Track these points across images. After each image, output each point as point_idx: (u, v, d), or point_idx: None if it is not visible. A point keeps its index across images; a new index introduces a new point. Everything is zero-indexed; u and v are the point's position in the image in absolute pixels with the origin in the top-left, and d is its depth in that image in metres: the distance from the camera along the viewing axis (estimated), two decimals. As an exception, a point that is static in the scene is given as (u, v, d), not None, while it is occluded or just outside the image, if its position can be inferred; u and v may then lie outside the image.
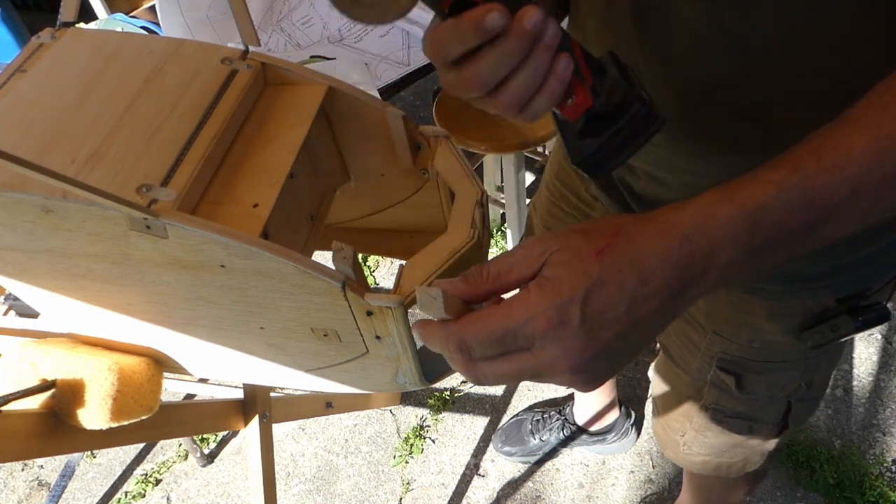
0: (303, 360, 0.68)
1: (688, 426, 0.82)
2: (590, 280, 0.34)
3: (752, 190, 0.35)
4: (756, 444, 0.80)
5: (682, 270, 0.35)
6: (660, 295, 0.35)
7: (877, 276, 0.61)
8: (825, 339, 0.62)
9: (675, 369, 0.79)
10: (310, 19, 1.47)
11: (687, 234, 0.34)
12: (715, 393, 0.75)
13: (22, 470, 1.68)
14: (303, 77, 0.69)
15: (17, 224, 0.57)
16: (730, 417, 0.76)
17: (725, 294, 0.65)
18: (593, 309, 0.34)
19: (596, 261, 0.34)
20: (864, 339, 1.64)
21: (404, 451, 1.59)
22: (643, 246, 0.35)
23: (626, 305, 0.34)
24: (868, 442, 1.49)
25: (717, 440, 0.81)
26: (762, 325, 0.65)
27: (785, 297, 0.62)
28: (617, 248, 0.35)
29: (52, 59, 0.66)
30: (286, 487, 1.57)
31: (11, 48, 2.38)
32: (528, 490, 1.50)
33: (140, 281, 0.60)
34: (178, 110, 0.61)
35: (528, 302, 0.34)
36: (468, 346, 0.36)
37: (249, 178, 0.61)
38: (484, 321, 0.35)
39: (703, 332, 0.70)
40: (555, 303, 0.34)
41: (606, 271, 0.34)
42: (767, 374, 0.70)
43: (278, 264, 0.53)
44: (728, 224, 0.34)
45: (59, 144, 0.57)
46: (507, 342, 0.35)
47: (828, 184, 0.34)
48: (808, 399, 0.75)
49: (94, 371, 0.72)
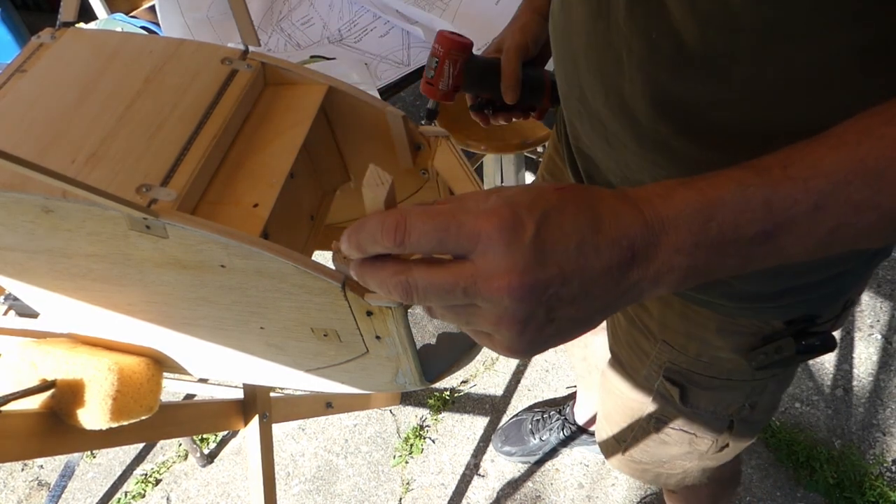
0: (303, 360, 0.68)
1: (630, 434, 0.82)
2: (548, 204, 0.33)
3: (712, 182, 0.34)
4: (696, 459, 0.80)
5: (632, 237, 0.33)
6: (609, 251, 0.33)
7: (826, 302, 0.60)
8: (769, 361, 0.62)
9: (624, 376, 0.79)
10: (310, 19, 1.47)
11: (641, 206, 0.34)
12: (660, 403, 0.75)
13: (22, 470, 1.68)
14: (303, 77, 0.69)
15: (17, 224, 0.57)
16: (672, 429, 0.76)
17: (679, 304, 0.64)
18: (548, 230, 0.32)
19: (555, 193, 0.34)
20: (864, 339, 1.64)
21: (404, 451, 1.59)
22: (600, 199, 0.34)
23: (576, 242, 0.33)
24: (868, 442, 1.49)
25: (658, 451, 0.81)
26: (711, 339, 0.65)
27: (734, 313, 0.61)
28: (577, 190, 0.34)
29: (52, 59, 0.66)
30: (286, 487, 1.57)
31: (11, 48, 2.38)
32: (528, 490, 1.50)
33: (140, 281, 0.60)
34: (178, 110, 0.61)
35: (484, 201, 0.33)
36: (406, 228, 0.33)
37: (249, 178, 0.61)
38: (433, 206, 0.33)
39: (654, 341, 0.70)
40: (512, 208, 0.32)
41: (565, 201, 0.33)
42: (712, 391, 0.70)
43: (278, 264, 0.53)
44: (683, 207, 0.34)
45: (59, 144, 0.57)
46: (450, 235, 0.32)
47: (790, 192, 0.33)
48: (751, 421, 0.75)
49: (94, 371, 0.72)
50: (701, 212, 0.33)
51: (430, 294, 0.34)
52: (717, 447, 0.78)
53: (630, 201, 0.34)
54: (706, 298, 0.61)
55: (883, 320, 1.66)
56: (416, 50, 1.34)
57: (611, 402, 0.85)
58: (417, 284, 0.34)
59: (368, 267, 0.36)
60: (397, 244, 0.33)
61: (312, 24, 1.46)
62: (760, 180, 0.33)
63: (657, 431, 0.78)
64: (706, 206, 0.33)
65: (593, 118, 0.55)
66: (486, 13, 1.36)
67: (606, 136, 0.55)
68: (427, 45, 1.34)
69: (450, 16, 1.32)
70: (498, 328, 0.34)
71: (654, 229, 0.34)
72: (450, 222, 0.32)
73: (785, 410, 1.55)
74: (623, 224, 0.33)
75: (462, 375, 1.72)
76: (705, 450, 0.78)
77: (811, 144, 0.34)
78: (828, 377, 1.59)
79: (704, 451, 0.78)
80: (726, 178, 0.34)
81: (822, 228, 0.34)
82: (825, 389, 1.57)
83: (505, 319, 0.34)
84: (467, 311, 0.35)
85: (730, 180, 0.34)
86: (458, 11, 1.33)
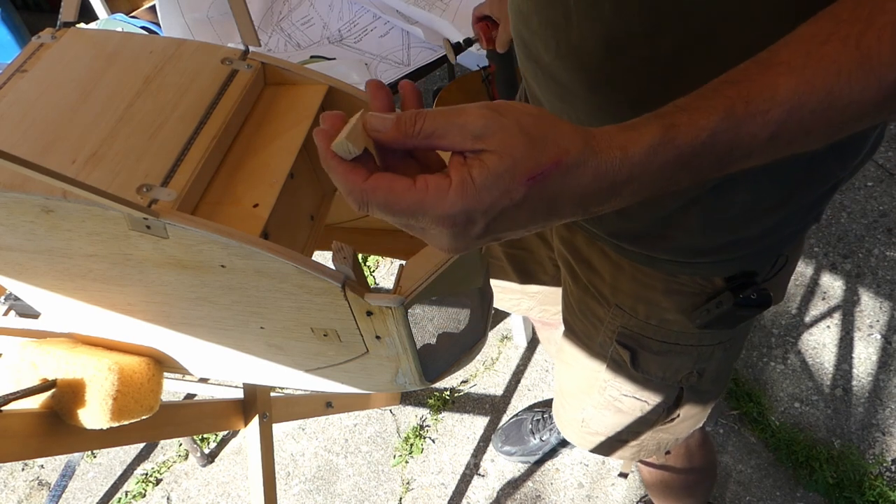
0: (303, 359, 0.68)
1: (587, 403, 0.84)
2: (510, 202, 0.35)
3: (689, 135, 0.35)
4: (649, 429, 0.83)
5: (588, 202, 0.36)
6: (561, 219, 0.37)
7: (761, 258, 0.64)
8: (710, 317, 0.65)
9: (579, 345, 0.82)
10: (310, 19, 1.47)
11: (617, 182, 0.36)
12: (613, 370, 0.78)
13: (22, 470, 1.68)
14: (303, 77, 0.69)
15: (17, 224, 0.57)
16: (625, 397, 0.79)
17: (629, 267, 0.67)
18: (497, 226, 0.36)
19: (524, 186, 0.35)
20: (863, 339, 1.64)
21: (404, 451, 1.59)
22: (573, 185, 0.35)
23: (524, 227, 0.37)
24: (868, 442, 1.49)
25: (613, 420, 0.84)
26: (660, 300, 0.68)
27: (676, 271, 0.65)
28: (549, 181, 0.35)
29: (53, 59, 0.66)
30: (286, 487, 1.57)
31: (11, 48, 2.38)
32: (528, 490, 1.50)
33: (140, 281, 0.61)
34: (179, 110, 0.61)
35: (445, 198, 0.35)
36: (368, 204, 0.36)
37: (249, 178, 0.61)
38: (395, 195, 0.35)
39: (608, 306, 0.73)
40: (468, 211, 0.35)
41: (529, 199, 0.35)
42: (661, 356, 0.73)
43: (278, 264, 0.53)
44: (658, 172, 0.36)
45: (60, 144, 0.57)
46: (407, 221, 0.36)
47: (751, 130, 0.35)
48: (700, 390, 0.78)
49: (94, 371, 0.72)
50: (673, 169, 0.36)
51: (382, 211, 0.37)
52: (667, 416, 0.81)
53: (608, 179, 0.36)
54: (649, 254, 0.64)
55: (883, 320, 1.66)
56: (416, 50, 1.34)
57: (566, 374, 0.87)
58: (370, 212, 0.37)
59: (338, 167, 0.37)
60: (360, 208, 0.37)
61: (312, 24, 1.46)
62: (728, 124, 0.35)
63: (612, 399, 0.80)
64: (679, 163, 0.36)
65: (547, 75, 0.57)
66: (486, 13, 1.36)
67: (561, 93, 0.57)
68: (427, 46, 1.34)
69: (450, 16, 1.32)
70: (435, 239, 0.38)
71: (617, 189, 0.36)
72: (408, 217, 0.35)
73: (785, 410, 1.55)
74: (588, 198, 0.36)
75: (462, 375, 1.72)
76: (656, 419, 0.81)
77: (764, 72, 0.35)
78: (827, 377, 1.59)
79: (656, 419, 0.81)
80: (700, 129, 0.35)
81: (773, 150, 0.36)
82: (825, 389, 1.57)
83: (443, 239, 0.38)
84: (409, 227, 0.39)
85: (703, 131, 0.35)
86: (458, 11, 1.33)
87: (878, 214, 1.88)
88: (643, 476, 1.16)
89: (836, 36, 0.34)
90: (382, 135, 0.36)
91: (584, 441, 0.92)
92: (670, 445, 0.89)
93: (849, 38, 0.34)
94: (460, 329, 0.68)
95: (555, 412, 0.96)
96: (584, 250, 0.72)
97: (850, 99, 0.34)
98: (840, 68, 0.34)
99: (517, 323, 1.69)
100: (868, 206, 1.90)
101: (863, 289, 1.73)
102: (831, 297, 1.73)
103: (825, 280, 1.76)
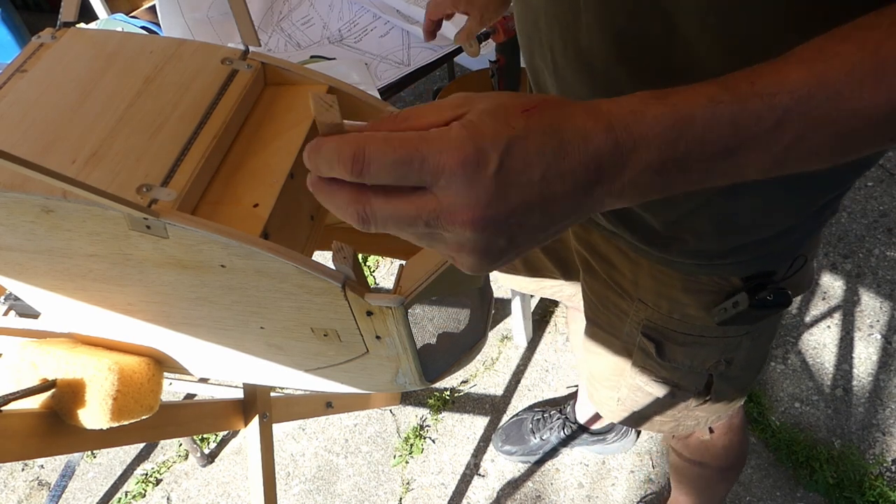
0: (303, 360, 0.68)
1: (622, 384, 0.84)
2: (513, 131, 0.32)
3: (685, 97, 0.34)
4: (683, 409, 0.83)
5: (600, 158, 0.33)
6: (574, 176, 0.33)
7: (779, 259, 0.63)
8: (728, 315, 0.64)
9: (605, 336, 0.82)
10: (310, 19, 1.47)
11: (613, 123, 0.34)
12: (641, 356, 0.78)
13: (22, 470, 1.68)
14: (303, 77, 0.69)
15: (17, 224, 0.57)
16: (655, 381, 0.79)
17: (647, 265, 0.67)
18: (512, 162, 0.32)
19: (522, 117, 0.33)
20: (863, 339, 1.64)
21: (404, 451, 1.59)
22: (569, 119, 0.34)
23: (541, 172, 0.33)
24: (868, 442, 1.49)
25: (647, 400, 0.84)
26: (680, 297, 0.68)
27: (694, 271, 0.64)
28: (545, 111, 0.33)
29: (53, 59, 0.66)
30: (286, 487, 1.57)
31: (11, 48, 2.38)
32: (528, 490, 1.50)
33: (140, 281, 0.61)
34: (179, 110, 0.61)
35: (447, 133, 0.32)
36: (366, 160, 0.31)
37: (249, 178, 0.61)
38: (394, 136, 0.32)
39: (631, 300, 0.73)
40: (475, 142, 0.32)
41: (531, 129, 0.33)
42: (687, 347, 0.73)
43: (279, 264, 0.53)
44: (656, 124, 0.34)
45: (60, 144, 0.57)
46: (412, 170, 0.32)
47: (755, 109, 0.33)
48: (731, 377, 0.78)
49: (94, 371, 0.72)
50: (672, 129, 0.34)
51: (389, 224, 0.34)
52: (699, 400, 0.80)
53: (602, 118, 0.34)
54: (666, 257, 0.64)
55: (883, 320, 1.66)
56: (416, 50, 1.34)
57: (596, 362, 0.87)
58: (376, 214, 0.34)
59: (325, 188, 0.34)
60: (355, 175, 0.32)
61: (312, 24, 1.46)
62: (730, 97, 0.34)
63: (643, 383, 0.80)
64: (677, 123, 0.34)
65: (552, 75, 0.57)
66: (486, 13, 1.36)
67: (563, 92, 0.56)
68: (427, 46, 1.34)
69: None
70: (460, 254, 0.35)
71: (624, 148, 0.34)
72: (412, 155, 0.31)
73: (785, 410, 1.55)
74: (592, 146, 0.33)
75: (462, 375, 1.72)
76: (689, 402, 0.81)
77: (775, 62, 0.35)
78: (828, 377, 1.59)
79: (688, 403, 0.81)
80: (697, 93, 0.34)
81: (780, 144, 0.35)
82: (825, 389, 1.57)
83: (466, 248, 0.34)
84: (428, 236, 0.35)
85: (701, 95, 0.34)
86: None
87: (879, 214, 1.88)
88: (672, 462, 1.15)
89: (854, 38, 0.33)
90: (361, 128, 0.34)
91: (619, 416, 0.92)
92: (712, 422, 0.88)
93: (867, 41, 0.33)
94: (460, 329, 0.68)
95: (588, 395, 0.96)
96: (601, 247, 0.72)
97: (860, 104, 0.33)
98: (853, 68, 0.33)
99: (517, 323, 1.69)
100: (868, 206, 1.90)
101: (863, 289, 1.73)
102: (831, 297, 1.73)
103: (825, 280, 1.76)
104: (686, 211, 0.57)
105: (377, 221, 0.34)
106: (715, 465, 1.06)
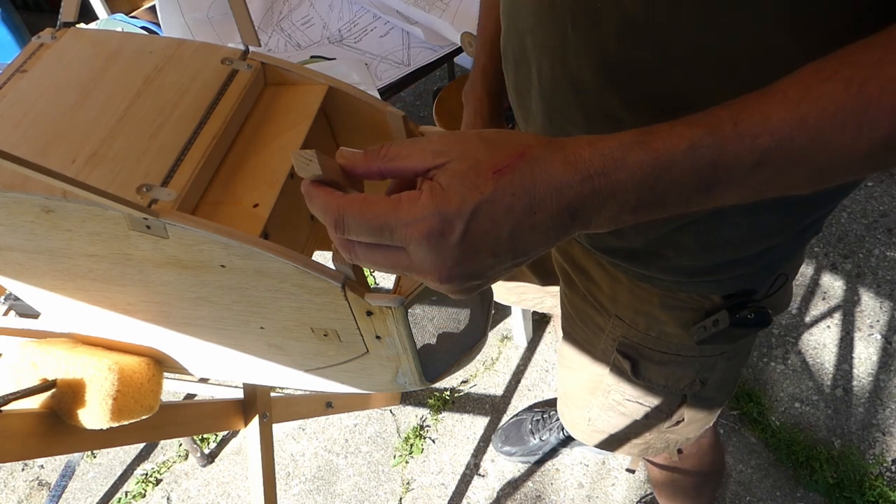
0: (303, 359, 0.68)
1: (593, 404, 0.84)
2: (481, 196, 0.34)
3: (666, 141, 0.34)
4: (655, 431, 0.83)
5: (575, 208, 0.35)
6: (545, 225, 0.35)
7: (760, 277, 0.62)
8: (707, 334, 0.64)
9: (580, 352, 0.81)
10: (310, 19, 1.47)
11: (592, 173, 0.34)
12: (616, 375, 0.77)
13: (22, 470, 1.68)
14: (303, 77, 0.69)
15: (17, 224, 0.57)
16: (628, 401, 0.79)
17: (626, 280, 0.67)
18: (477, 228, 0.34)
19: (492, 179, 0.34)
20: (863, 339, 1.64)
21: (404, 451, 1.59)
22: (543, 174, 0.34)
23: (509, 230, 0.34)
24: (868, 442, 1.49)
25: (619, 421, 0.83)
26: (657, 314, 0.67)
27: (673, 288, 0.64)
28: (516, 171, 0.34)
29: (53, 59, 0.66)
30: (286, 487, 1.57)
31: (11, 48, 2.38)
32: (528, 490, 1.50)
33: (140, 281, 0.61)
34: (179, 110, 0.61)
35: (416, 203, 0.34)
36: (345, 224, 0.36)
37: (249, 178, 0.61)
38: (368, 206, 0.35)
39: (608, 316, 0.72)
40: (441, 212, 0.34)
41: (499, 191, 0.34)
42: (662, 366, 0.72)
43: (279, 264, 0.53)
44: (636, 170, 0.34)
45: (60, 144, 0.57)
46: (384, 235, 0.35)
47: (736, 151, 0.34)
48: (704, 397, 0.77)
49: (94, 371, 0.72)
50: (651, 175, 0.34)
51: (374, 268, 0.38)
52: (672, 422, 0.80)
53: (581, 169, 0.34)
54: (645, 273, 0.63)
55: (883, 320, 1.66)
56: (416, 50, 1.34)
57: (570, 378, 0.87)
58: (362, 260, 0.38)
59: (316, 192, 0.38)
60: (339, 234, 0.37)
61: (312, 24, 1.46)
62: (711, 140, 0.34)
63: (616, 402, 0.80)
64: (656, 170, 0.34)
65: (539, 97, 0.56)
66: (486, 13, 1.35)
67: (550, 115, 0.55)
68: (427, 46, 1.34)
69: (450, 16, 1.32)
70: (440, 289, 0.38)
71: (601, 195, 0.35)
72: (383, 225, 0.35)
73: (785, 410, 1.55)
74: (565, 199, 0.34)
75: (462, 375, 1.72)
76: (661, 423, 0.80)
77: (760, 100, 0.35)
78: (828, 377, 1.59)
79: (660, 424, 0.81)
80: (679, 136, 0.35)
81: (758, 180, 0.35)
82: (825, 389, 1.57)
83: (443, 289, 0.38)
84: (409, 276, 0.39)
85: (682, 139, 0.34)
86: (458, 11, 1.33)
87: (879, 214, 1.88)
88: (651, 474, 1.16)
89: (840, 76, 0.33)
90: (351, 161, 0.37)
91: (590, 438, 0.92)
92: (681, 444, 0.89)
93: (852, 81, 0.33)
94: (460, 329, 0.68)
95: (560, 412, 0.96)
96: (581, 261, 0.72)
97: (841, 143, 0.33)
98: (837, 110, 0.33)
99: (517, 323, 1.69)
100: (868, 206, 1.91)
101: (863, 289, 1.73)
102: (831, 297, 1.73)
103: (825, 280, 1.76)
104: (671, 228, 0.56)
105: (362, 262, 0.38)
106: (689, 479, 1.07)
